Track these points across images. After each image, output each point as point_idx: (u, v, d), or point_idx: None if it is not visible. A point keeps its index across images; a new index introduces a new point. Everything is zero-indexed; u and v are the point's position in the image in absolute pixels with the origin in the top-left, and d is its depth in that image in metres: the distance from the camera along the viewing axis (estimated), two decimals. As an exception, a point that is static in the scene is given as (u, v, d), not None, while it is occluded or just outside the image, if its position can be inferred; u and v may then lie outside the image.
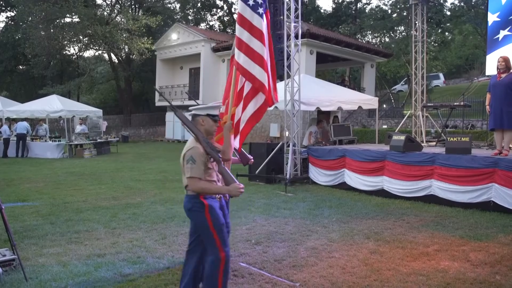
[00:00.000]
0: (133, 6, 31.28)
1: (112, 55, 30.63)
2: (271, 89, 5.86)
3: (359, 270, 4.29)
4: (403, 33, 28.05)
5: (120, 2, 30.81)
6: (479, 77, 21.93)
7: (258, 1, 5.46)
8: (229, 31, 34.99)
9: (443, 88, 30.44)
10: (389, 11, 29.30)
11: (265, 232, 5.67)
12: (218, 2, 37.46)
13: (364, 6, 35.49)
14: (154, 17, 26.55)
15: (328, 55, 21.99)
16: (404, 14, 25.40)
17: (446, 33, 29.46)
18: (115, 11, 29.87)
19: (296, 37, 9.89)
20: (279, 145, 10.30)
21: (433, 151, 8.00)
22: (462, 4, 26.60)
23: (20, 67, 33.60)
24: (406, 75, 27.41)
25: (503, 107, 6.87)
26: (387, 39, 31.57)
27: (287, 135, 10.19)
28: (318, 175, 9.64)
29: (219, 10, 38.30)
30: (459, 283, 3.95)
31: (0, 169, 12.55)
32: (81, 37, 27.35)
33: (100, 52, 32.98)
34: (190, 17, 36.87)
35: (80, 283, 3.99)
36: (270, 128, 19.79)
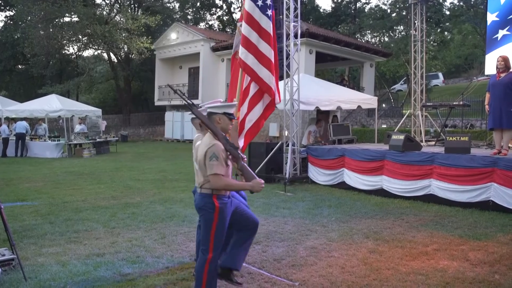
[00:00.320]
0: (132, 6, 31.24)
1: (111, 55, 30.59)
2: (275, 91, 5.89)
3: (358, 270, 4.29)
4: (403, 33, 28.03)
5: (119, 2, 30.78)
6: (478, 77, 21.96)
7: (267, 3, 5.47)
8: (229, 31, 34.97)
9: (442, 88, 30.45)
10: (389, 11, 29.26)
11: (264, 232, 5.66)
12: (218, 2, 37.45)
13: (364, 6, 35.53)
14: (153, 17, 26.53)
15: (327, 55, 21.99)
16: (404, 14, 25.37)
17: (445, 33, 29.42)
18: (114, 11, 29.85)
19: (296, 37, 9.89)
20: (278, 145, 10.30)
21: (432, 151, 8.01)
22: (461, 4, 26.57)
23: (19, 67, 33.57)
24: (406, 75, 27.40)
25: (502, 107, 6.87)
26: (387, 39, 31.57)
27: (287, 135, 10.19)
28: (318, 175, 9.65)
29: (219, 10, 38.29)
30: (458, 283, 3.95)
31: (-1, 169, 12.56)
32: (80, 37, 27.29)
33: (99, 52, 32.94)
34: (190, 17, 36.83)
35: (79, 283, 3.99)
36: (269, 128, 19.77)
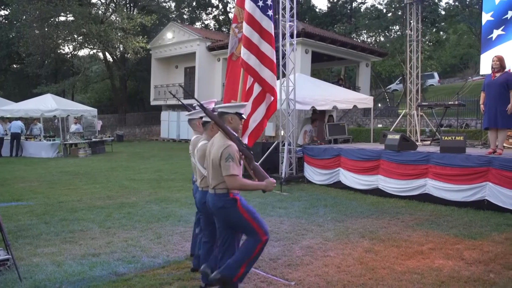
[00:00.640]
0: (128, 5, 31.13)
1: (107, 54, 30.44)
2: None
3: (354, 269, 4.30)
4: (398, 33, 28.12)
5: (115, 1, 30.61)
6: (474, 76, 22.03)
7: (268, 3, 5.49)
8: (225, 30, 34.91)
9: (438, 87, 30.58)
10: (384, 11, 29.30)
11: (261, 231, 5.66)
12: (214, 1, 37.36)
13: (359, 6, 35.56)
14: (149, 16, 26.41)
15: (323, 54, 22.01)
16: (399, 14, 25.42)
17: (441, 33, 29.51)
18: (110, 10, 29.70)
19: (291, 36, 9.89)
20: (274, 144, 10.30)
21: (428, 150, 8.04)
22: (457, 4, 26.69)
23: (14, 66, 33.34)
24: (401, 74, 27.47)
25: (497, 106, 6.92)
26: (382, 39, 31.59)
27: (282, 134, 10.19)
28: (313, 174, 9.66)
29: (214, 9, 38.23)
30: (453, 282, 3.97)
31: (-6, 169, 12.49)
32: (76, 36, 27.13)
33: (95, 51, 32.76)
34: (185, 16, 36.74)
35: (75, 283, 3.98)
36: (266, 127, 19.77)
